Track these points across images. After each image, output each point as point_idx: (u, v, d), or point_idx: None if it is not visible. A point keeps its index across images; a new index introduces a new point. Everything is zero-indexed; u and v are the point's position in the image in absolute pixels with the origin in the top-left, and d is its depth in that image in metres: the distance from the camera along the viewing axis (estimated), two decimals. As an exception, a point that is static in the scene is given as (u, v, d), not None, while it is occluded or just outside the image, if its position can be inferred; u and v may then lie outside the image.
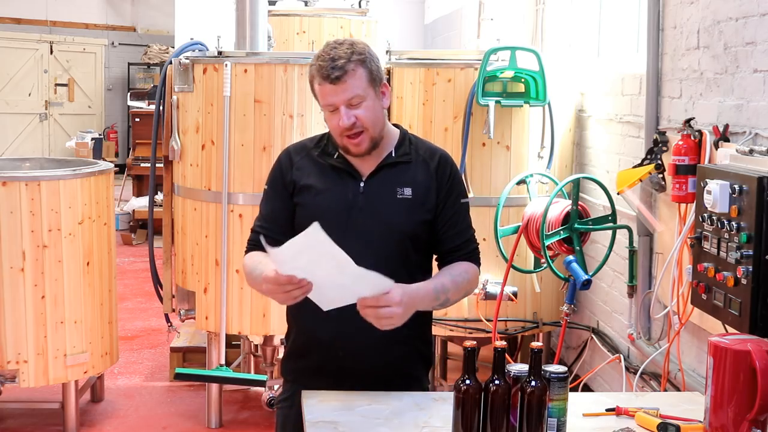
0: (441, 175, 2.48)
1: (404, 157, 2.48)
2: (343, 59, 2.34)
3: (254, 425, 4.68)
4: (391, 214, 2.44)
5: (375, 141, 2.42)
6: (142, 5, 15.73)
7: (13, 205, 4.19)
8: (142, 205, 9.39)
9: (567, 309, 4.16)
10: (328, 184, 2.48)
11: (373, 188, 2.45)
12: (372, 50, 2.42)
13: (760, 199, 2.56)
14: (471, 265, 2.51)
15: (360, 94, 2.36)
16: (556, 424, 2.08)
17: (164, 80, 4.64)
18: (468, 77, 4.49)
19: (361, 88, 2.36)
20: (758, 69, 3.08)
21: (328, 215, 2.40)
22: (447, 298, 2.42)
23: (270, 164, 4.29)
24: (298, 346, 2.56)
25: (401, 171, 2.47)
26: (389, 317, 2.19)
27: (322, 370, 2.50)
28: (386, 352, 2.45)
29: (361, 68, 2.36)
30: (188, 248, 4.56)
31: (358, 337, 2.39)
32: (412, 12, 10.47)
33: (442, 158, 2.52)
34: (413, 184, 2.46)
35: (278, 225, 2.52)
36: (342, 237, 2.37)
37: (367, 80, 2.37)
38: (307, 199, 2.49)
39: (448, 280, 2.42)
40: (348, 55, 2.35)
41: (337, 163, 2.48)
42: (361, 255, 2.29)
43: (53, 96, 14.90)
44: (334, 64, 2.34)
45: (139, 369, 5.56)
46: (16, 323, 4.24)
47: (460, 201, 2.52)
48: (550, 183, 4.53)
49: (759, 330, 2.53)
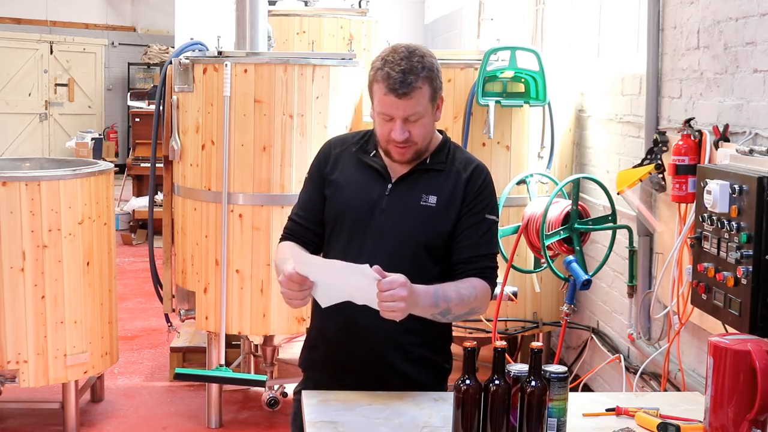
0: (470, 187, 2.42)
1: (438, 165, 2.44)
2: (414, 75, 2.30)
3: (254, 425, 4.68)
4: (409, 220, 2.41)
5: (420, 152, 2.42)
6: (142, 5, 15.73)
7: (13, 205, 4.18)
8: (142, 205, 9.39)
9: (567, 309, 4.17)
10: (359, 181, 2.47)
11: (399, 192, 2.44)
12: (437, 62, 2.37)
13: (760, 199, 2.56)
14: (481, 282, 2.40)
15: (420, 111, 2.34)
16: (556, 424, 2.08)
17: (164, 80, 4.65)
18: (468, 77, 4.49)
19: (422, 105, 2.34)
20: (758, 69, 3.08)
21: (352, 212, 2.44)
22: (448, 308, 2.33)
23: (270, 164, 4.35)
24: (311, 338, 2.60)
25: (431, 178, 2.44)
26: (392, 300, 2.14)
27: (327, 365, 2.52)
28: (387, 355, 2.43)
29: (427, 86, 2.33)
30: (188, 248, 4.56)
31: (360, 338, 2.40)
32: (412, 12, 10.47)
33: (476, 170, 2.45)
34: (439, 193, 2.42)
35: (313, 214, 2.54)
36: (362, 236, 2.43)
37: (429, 97, 2.35)
38: (336, 194, 2.49)
39: (452, 290, 2.34)
40: (419, 70, 2.31)
41: (372, 162, 2.47)
42: (375, 256, 2.34)
43: (53, 96, 14.90)
44: (405, 78, 2.29)
45: (139, 369, 5.56)
46: (16, 323, 4.24)
47: (484, 216, 2.42)
48: (550, 183, 4.53)
49: (759, 330, 2.53)
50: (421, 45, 2.41)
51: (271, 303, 4.37)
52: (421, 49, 2.38)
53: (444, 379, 2.53)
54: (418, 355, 2.46)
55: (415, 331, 2.40)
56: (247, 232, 4.36)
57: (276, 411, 4.57)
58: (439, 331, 2.47)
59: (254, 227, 4.35)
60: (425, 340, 2.46)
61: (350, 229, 2.46)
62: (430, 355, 2.49)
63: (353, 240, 2.45)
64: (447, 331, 2.54)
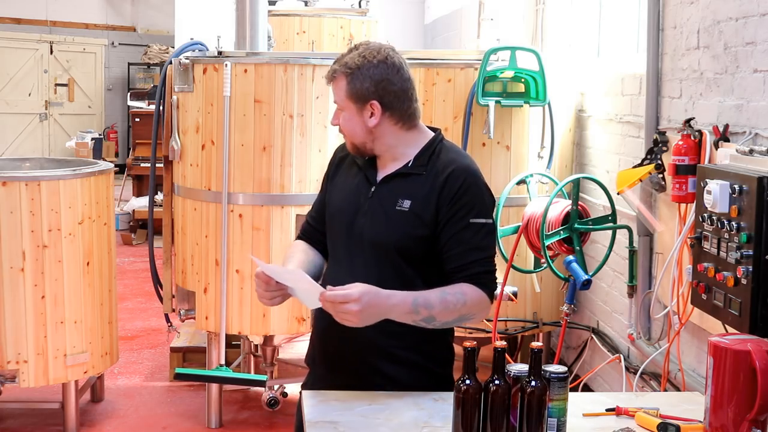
0: (447, 190, 2.35)
1: (418, 168, 2.43)
2: (338, 64, 2.40)
3: (254, 425, 4.68)
4: (384, 224, 2.41)
5: (359, 149, 2.45)
6: (142, 5, 15.73)
7: (13, 205, 4.18)
8: (142, 205, 9.39)
9: (567, 309, 4.17)
10: (349, 184, 2.51)
11: (380, 195, 2.44)
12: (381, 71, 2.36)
13: (760, 199, 2.56)
14: (472, 287, 2.33)
15: (339, 102, 2.42)
16: (556, 424, 2.08)
17: (164, 80, 4.64)
18: (468, 77, 4.49)
19: (339, 97, 2.41)
20: (758, 69, 3.08)
21: (339, 215, 2.49)
22: (430, 315, 2.29)
23: (270, 164, 4.35)
24: (312, 334, 2.65)
25: (410, 182, 2.42)
26: (345, 313, 2.19)
27: (324, 359, 2.55)
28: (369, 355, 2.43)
29: (344, 81, 2.38)
30: (188, 248, 4.56)
31: (343, 337, 2.39)
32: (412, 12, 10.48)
33: (454, 172, 2.37)
34: (414, 197, 2.39)
35: (320, 217, 2.61)
36: (346, 238, 2.46)
37: (347, 93, 2.39)
38: (331, 197, 2.56)
39: (435, 296, 2.29)
40: (344, 64, 2.38)
41: (362, 164, 2.50)
42: (356, 260, 2.40)
43: (53, 96, 14.90)
44: (332, 66, 2.42)
45: (139, 369, 5.56)
46: (16, 323, 4.24)
47: (468, 221, 2.34)
48: (550, 183, 4.53)
49: (759, 330, 2.53)
50: (391, 52, 2.41)
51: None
52: (367, 49, 2.39)
53: (437, 383, 2.46)
54: (403, 358, 2.43)
55: (397, 335, 2.38)
56: (247, 232, 4.36)
57: (276, 411, 4.57)
58: (428, 335, 2.40)
59: (254, 227, 4.35)
60: (410, 344, 2.41)
61: (338, 232, 2.51)
62: (417, 359, 2.44)
63: (339, 243, 2.50)
64: (440, 336, 2.46)
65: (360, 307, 2.19)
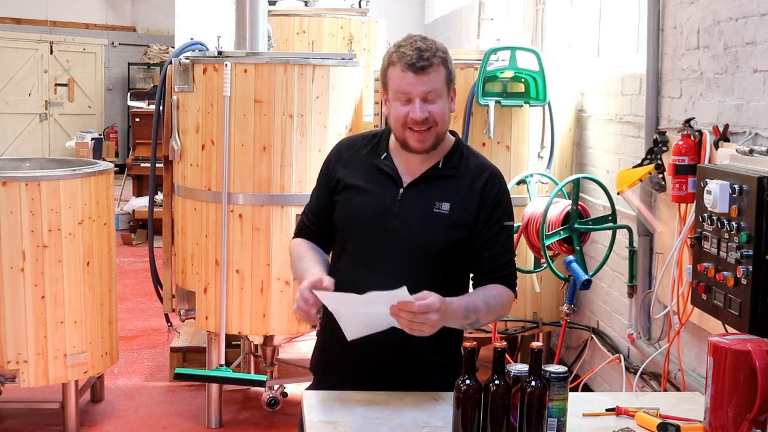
0: (486, 195, 2.43)
1: (450, 170, 2.44)
2: (430, 53, 2.35)
3: (254, 425, 4.68)
4: (422, 227, 2.40)
5: (439, 140, 2.42)
6: (142, 5, 15.73)
7: (13, 205, 4.18)
8: (142, 205, 9.39)
9: (567, 309, 4.17)
10: (370, 185, 2.46)
11: (411, 197, 2.42)
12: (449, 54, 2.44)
13: (760, 199, 2.56)
14: (506, 289, 2.43)
15: (438, 89, 2.37)
16: (556, 424, 2.08)
17: (164, 80, 4.65)
18: (468, 77, 4.49)
19: (439, 83, 2.38)
20: (758, 69, 3.08)
21: (364, 217, 2.44)
22: (477, 319, 2.36)
23: (270, 164, 4.35)
24: (323, 340, 2.59)
25: (444, 184, 2.43)
26: (423, 323, 2.15)
27: (340, 367, 2.49)
28: (402, 362, 2.42)
29: (442, 67, 2.38)
30: (188, 248, 4.56)
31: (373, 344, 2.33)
32: (412, 12, 10.49)
33: (491, 176, 2.47)
34: (452, 200, 2.41)
35: (318, 218, 2.58)
36: (374, 241, 2.42)
37: (445, 79, 2.39)
38: (347, 198, 2.49)
39: (480, 300, 2.36)
40: (434, 50, 2.37)
41: (383, 165, 2.46)
42: (387, 262, 2.36)
43: (53, 96, 14.90)
44: (422, 54, 2.35)
45: (139, 369, 5.56)
46: (16, 323, 4.24)
47: (503, 223, 2.45)
48: (550, 183, 4.53)
49: (759, 330, 2.53)
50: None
51: (271, 303, 4.37)
52: (433, 39, 2.44)
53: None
54: (432, 361, 2.45)
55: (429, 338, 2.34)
56: (247, 232, 4.36)
57: (276, 411, 4.57)
58: (450, 334, 2.42)
59: (254, 227, 4.35)
60: (438, 345, 2.41)
61: (362, 234, 2.46)
62: (442, 359, 2.46)
63: (365, 245, 2.44)
64: (458, 334, 2.51)
65: (439, 317, 2.17)
